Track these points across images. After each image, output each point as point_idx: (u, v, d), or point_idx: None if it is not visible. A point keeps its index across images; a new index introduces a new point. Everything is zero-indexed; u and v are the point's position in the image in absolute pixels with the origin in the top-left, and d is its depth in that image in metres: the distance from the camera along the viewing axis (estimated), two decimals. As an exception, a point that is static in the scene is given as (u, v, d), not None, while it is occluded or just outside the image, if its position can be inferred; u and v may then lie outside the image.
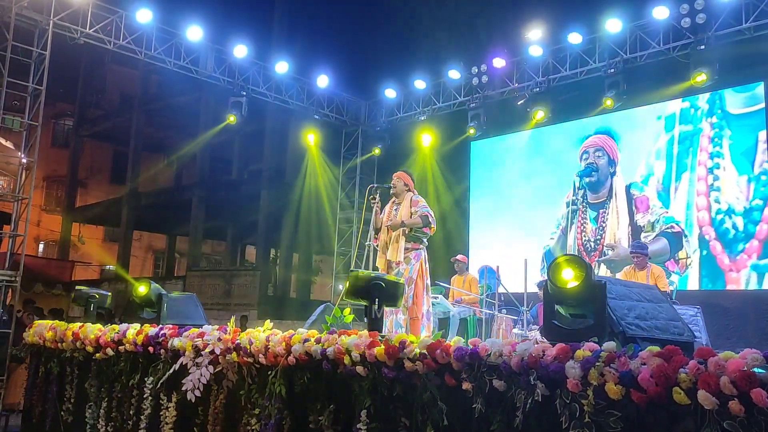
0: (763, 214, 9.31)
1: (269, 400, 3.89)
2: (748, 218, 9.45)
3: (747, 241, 9.41)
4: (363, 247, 6.64)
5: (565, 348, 2.83)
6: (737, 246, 9.51)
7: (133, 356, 5.13)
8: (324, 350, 3.67)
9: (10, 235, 8.79)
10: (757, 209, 9.37)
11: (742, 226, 9.50)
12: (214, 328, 4.55)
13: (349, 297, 4.18)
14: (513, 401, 2.90)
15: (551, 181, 11.61)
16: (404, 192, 6.15)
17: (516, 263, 8.51)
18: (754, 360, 2.35)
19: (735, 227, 9.56)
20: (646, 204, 10.45)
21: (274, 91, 12.54)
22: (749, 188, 9.50)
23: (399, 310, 5.58)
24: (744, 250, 9.42)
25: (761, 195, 9.38)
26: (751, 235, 9.38)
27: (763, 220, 9.31)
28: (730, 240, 9.58)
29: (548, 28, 11.08)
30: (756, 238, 9.33)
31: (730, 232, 9.60)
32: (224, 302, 17.32)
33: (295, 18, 19.17)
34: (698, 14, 9.18)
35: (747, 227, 9.44)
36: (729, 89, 9.82)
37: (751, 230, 9.39)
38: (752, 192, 9.47)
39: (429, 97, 12.75)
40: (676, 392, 2.43)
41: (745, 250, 9.40)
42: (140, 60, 11.42)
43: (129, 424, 5.05)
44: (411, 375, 3.30)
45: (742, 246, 9.46)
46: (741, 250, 9.45)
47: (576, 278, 3.16)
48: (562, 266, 3.23)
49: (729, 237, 9.60)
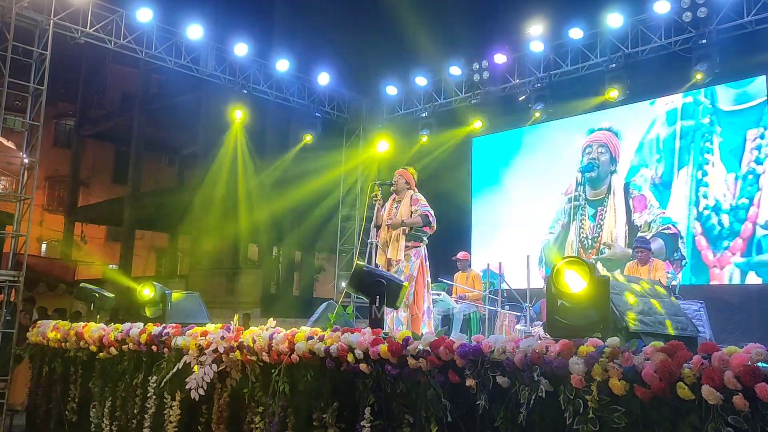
0: (749, 213, 9.34)
1: (273, 398, 3.89)
2: (734, 216, 9.49)
3: (732, 239, 9.46)
4: (365, 244, 6.63)
5: (568, 344, 2.82)
6: (722, 243, 9.57)
7: (136, 355, 5.14)
8: (327, 348, 3.67)
9: (13, 235, 8.79)
10: (743, 208, 9.40)
11: (727, 223, 9.54)
12: (218, 327, 4.56)
13: (350, 288, 4.19)
14: (517, 397, 2.90)
15: (553, 177, 11.60)
16: (405, 189, 6.15)
17: (518, 259, 8.50)
18: (758, 355, 2.35)
19: (721, 224, 9.62)
20: (644, 203, 10.45)
21: (275, 89, 12.53)
22: (736, 186, 9.52)
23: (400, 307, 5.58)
24: (728, 248, 9.47)
25: (747, 194, 9.41)
26: (736, 233, 9.44)
27: (748, 219, 9.35)
28: (716, 236, 9.64)
29: (549, 23, 11.05)
30: (740, 237, 9.37)
31: (715, 229, 9.65)
32: (227, 300, 17.33)
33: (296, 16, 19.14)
34: (699, 8, 9.15)
35: (732, 225, 9.49)
36: (722, 86, 9.82)
37: (737, 228, 9.44)
38: (739, 190, 9.50)
39: (430, 94, 12.73)
40: (680, 387, 2.43)
41: (730, 247, 9.47)
42: (141, 59, 11.41)
43: (133, 423, 5.06)
44: (414, 372, 3.31)
45: (726, 243, 9.52)
46: (726, 247, 9.51)
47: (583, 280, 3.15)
48: (561, 272, 3.23)
49: (714, 233, 9.66)
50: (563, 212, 11.35)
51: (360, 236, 7.07)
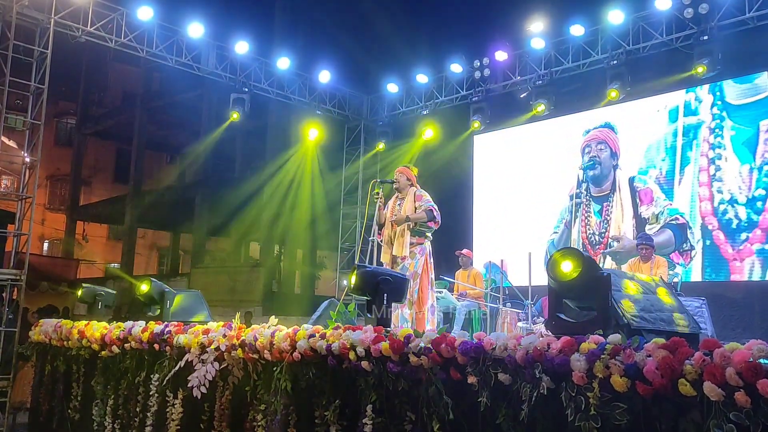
0: (766, 203, 9.30)
1: (275, 395, 3.90)
2: (750, 208, 9.44)
3: (750, 230, 9.41)
4: (367, 242, 6.64)
5: (570, 341, 2.82)
6: (740, 235, 9.50)
7: (138, 353, 5.15)
8: (329, 346, 3.67)
9: (15, 234, 8.80)
10: (760, 199, 9.36)
11: (744, 215, 9.49)
12: (219, 325, 4.56)
13: (356, 292, 4.18)
14: (518, 394, 2.90)
15: (555, 175, 11.58)
16: (407, 187, 6.15)
17: (520, 257, 8.49)
18: (759, 351, 2.34)
19: (738, 217, 9.56)
20: (650, 196, 10.43)
21: (276, 87, 12.53)
22: (751, 178, 9.48)
23: (404, 304, 5.59)
24: (747, 240, 9.41)
25: (764, 185, 9.35)
26: (754, 225, 9.38)
27: (765, 210, 9.29)
28: (733, 230, 9.57)
29: (550, 20, 11.04)
30: (759, 228, 9.32)
31: (733, 222, 9.59)
32: (229, 299, 17.35)
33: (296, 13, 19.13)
34: (701, 4, 9.13)
35: (750, 217, 9.43)
36: (729, 80, 9.79)
37: (754, 220, 9.38)
38: (754, 182, 9.45)
39: (431, 91, 12.72)
40: (682, 384, 2.43)
41: (749, 239, 9.40)
42: (142, 57, 11.41)
43: (135, 421, 5.07)
44: (416, 369, 3.31)
45: (745, 235, 9.45)
46: (744, 240, 9.44)
47: (574, 269, 3.17)
48: (559, 261, 3.25)
49: (732, 227, 9.59)
50: (567, 211, 11.33)
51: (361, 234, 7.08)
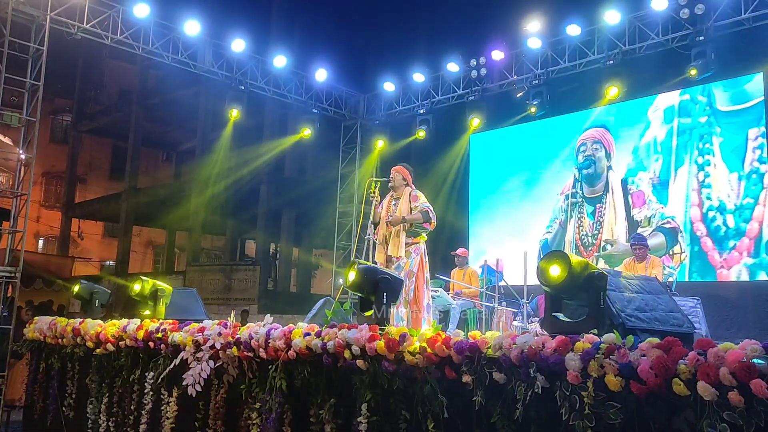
0: (754, 212, 9.33)
1: (270, 394, 3.89)
2: (739, 216, 9.47)
3: (738, 239, 9.45)
4: (363, 240, 6.63)
5: (564, 340, 2.83)
6: (728, 243, 9.55)
7: (133, 351, 5.14)
8: (324, 344, 3.67)
9: (10, 231, 8.78)
10: (748, 207, 9.39)
11: (733, 223, 9.52)
12: (215, 323, 4.56)
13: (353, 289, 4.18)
14: (513, 393, 2.91)
15: (551, 174, 11.61)
16: (403, 186, 6.14)
17: (516, 256, 8.51)
18: (753, 351, 2.36)
19: (726, 224, 9.59)
20: (642, 199, 10.46)
21: (273, 86, 12.51)
22: (740, 186, 9.51)
23: (400, 303, 5.59)
24: (735, 248, 9.46)
25: (752, 194, 9.40)
26: (742, 233, 9.42)
27: (753, 219, 9.33)
28: (721, 237, 9.62)
29: (547, 20, 11.05)
30: (747, 236, 9.36)
31: (721, 229, 9.64)
32: (224, 297, 17.32)
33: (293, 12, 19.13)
34: (697, 5, 9.15)
35: (738, 225, 9.47)
36: (719, 87, 9.82)
37: (742, 228, 9.42)
38: (743, 190, 9.48)
39: (428, 90, 12.72)
40: (676, 383, 2.44)
41: (736, 247, 9.45)
42: (138, 55, 11.37)
43: (130, 419, 5.07)
44: (411, 368, 3.31)
45: (733, 243, 9.50)
46: (732, 247, 9.49)
47: (563, 272, 3.19)
48: (546, 268, 3.27)
49: (720, 234, 9.64)
50: (560, 210, 11.35)
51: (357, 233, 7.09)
